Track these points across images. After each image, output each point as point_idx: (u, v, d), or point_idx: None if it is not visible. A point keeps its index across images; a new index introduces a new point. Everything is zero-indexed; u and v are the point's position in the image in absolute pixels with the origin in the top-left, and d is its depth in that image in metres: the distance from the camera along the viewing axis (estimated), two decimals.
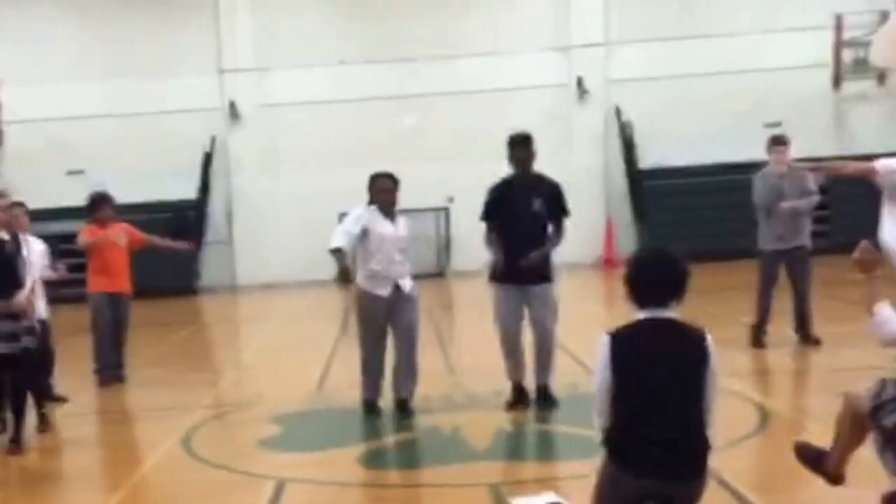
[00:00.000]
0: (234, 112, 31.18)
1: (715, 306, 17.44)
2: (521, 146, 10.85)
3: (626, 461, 6.02)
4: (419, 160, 28.96)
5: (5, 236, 10.09)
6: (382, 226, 10.78)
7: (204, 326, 24.11)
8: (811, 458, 6.58)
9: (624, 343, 6.06)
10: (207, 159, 30.99)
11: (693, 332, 6.11)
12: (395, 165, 17.01)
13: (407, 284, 10.85)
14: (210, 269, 30.97)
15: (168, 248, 15.05)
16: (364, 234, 10.73)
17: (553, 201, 10.81)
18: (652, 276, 6.15)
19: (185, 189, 30.30)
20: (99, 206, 13.95)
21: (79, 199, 15.78)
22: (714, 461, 6.84)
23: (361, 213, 10.89)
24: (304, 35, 31.28)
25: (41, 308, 12.03)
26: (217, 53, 31.44)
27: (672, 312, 6.08)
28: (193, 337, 20.93)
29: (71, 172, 29.91)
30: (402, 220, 10.97)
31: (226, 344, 20.24)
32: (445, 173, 29.62)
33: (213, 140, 31.15)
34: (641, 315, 6.09)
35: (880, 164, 9.87)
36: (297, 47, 31.23)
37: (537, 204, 10.70)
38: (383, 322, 10.86)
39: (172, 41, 31.31)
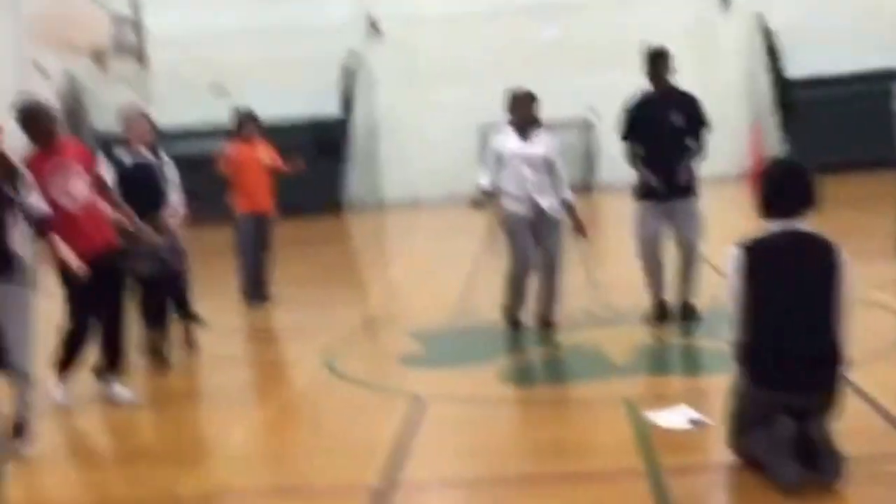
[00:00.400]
0: (373, 26, 31.22)
1: (863, 216, 17.16)
2: (658, 61, 10.69)
3: (760, 374, 6.04)
4: (563, 72, 28.80)
5: (149, 155, 10.22)
6: (515, 146, 10.73)
7: (349, 244, 24.40)
8: None
9: (755, 255, 6.06)
10: (349, 75, 31.12)
11: (825, 244, 6.08)
12: (537, 77, 16.99)
13: (546, 203, 10.73)
14: (355, 186, 31.21)
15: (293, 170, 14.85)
16: (499, 157, 10.72)
17: (692, 114, 10.69)
18: (782, 188, 6.12)
19: (328, 106, 30.47)
20: (244, 125, 14.07)
21: (223, 117, 15.95)
22: (854, 373, 6.80)
23: (496, 141, 10.92)
24: None
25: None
26: None
27: (803, 224, 6.03)
28: (338, 255, 21.19)
29: (215, 89, 30.25)
30: (540, 138, 10.84)
31: (370, 261, 20.45)
32: (590, 85, 29.32)
33: (354, 56, 31.25)
34: (773, 227, 6.06)
35: None
36: None
37: (677, 118, 10.59)
38: (527, 240, 10.80)
39: None
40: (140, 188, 9.91)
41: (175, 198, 10.58)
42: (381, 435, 7.62)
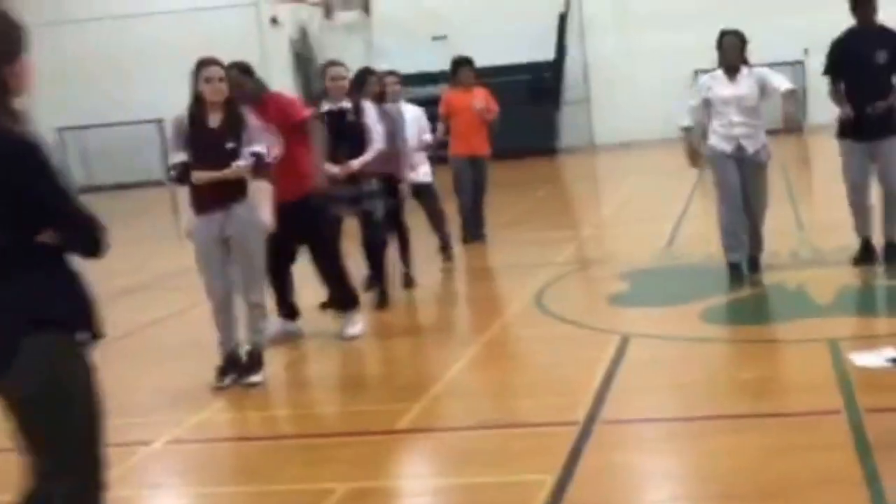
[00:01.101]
0: None
1: None
2: None
3: None
4: (773, 13, 28.21)
5: (347, 104, 10.27)
6: (722, 88, 10.46)
7: (562, 186, 24.44)
8: None
9: None
10: (562, 21, 31.02)
11: None
12: (748, 20, 16.65)
13: (750, 146, 10.41)
14: (568, 129, 31.19)
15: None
16: (706, 100, 10.51)
17: None
18: None
19: (542, 52, 30.46)
20: (459, 72, 14.25)
21: (443, 64, 16.14)
22: None
23: (701, 82, 10.80)
24: None
25: (422, 172, 12.51)
26: None
27: None
28: (551, 196, 21.25)
29: (435, 38, 30.53)
30: (747, 79, 10.49)
31: (582, 203, 20.48)
32: (800, 26, 28.63)
33: (567, 2, 31.14)
34: None
35: None
36: None
37: (882, 56, 10.28)
38: (733, 180, 10.50)
39: None
40: (334, 135, 10.02)
41: (375, 145, 10.56)
42: (587, 372, 7.68)
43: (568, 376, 7.83)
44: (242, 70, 9.04)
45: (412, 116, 12.40)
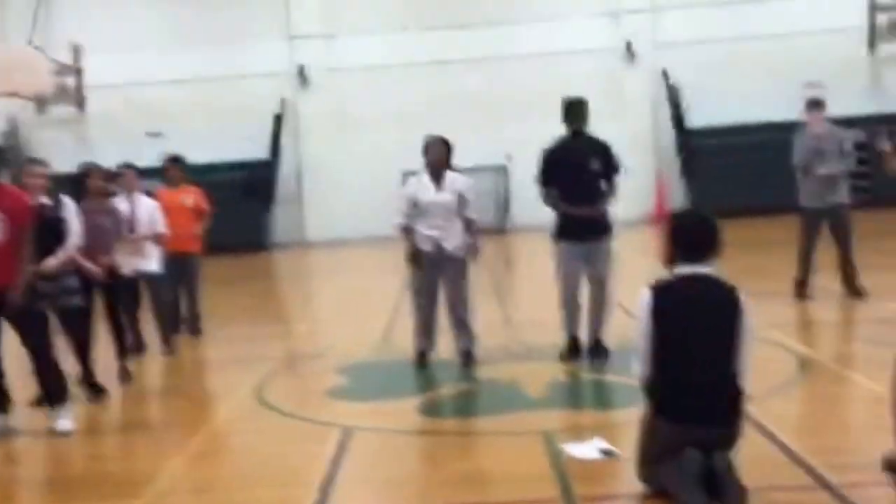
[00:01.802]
0: (303, 76, 31.47)
1: (762, 259, 17.41)
2: (576, 109, 10.86)
3: (667, 408, 6.14)
4: (479, 121, 29.17)
5: (47, 201, 9.95)
6: (427, 193, 10.87)
7: (275, 282, 24.31)
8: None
9: (663, 296, 6.19)
10: (278, 122, 31.23)
11: (727, 287, 6.26)
12: (456, 126, 17.06)
13: (450, 245, 10.85)
14: (281, 226, 31.21)
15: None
16: (412, 201, 10.88)
17: (607, 160, 10.83)
18: (689, 236, 6.29)
19: (257, 150, 30.54)
20: (168, 169, 14.16)
21: (158, 160, 15.93)
22: (753, 407, 6.89)
23: (410, 185, 11.12)
24: (370, 1, 31.47)
25: (151, 263, 12.50)
26: (286, 20, 31.74)
27: (708, 268, 6.20)
28: (265, 292, 21.11)
29: (150, 134, 30.16)
30: (452, 184, 10.94)
31: (296, 298, 20.38)
32: (504, 132, 29.66)
33: (283, 103, 31.39)
34: (680, 270, 6.21)
35: None
36: (363, 14, 31.57)
37: (594, 163, 10.73)
38: (431, 276, 10.93)
39: (244, 9, 31.79)
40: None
41: (72, 239, 10.25)
42: (311, 464, 7.61)
43: (292, 468, 7.73)
44: None
45: (146, 208, 12.47)
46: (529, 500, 6.63)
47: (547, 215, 10.89)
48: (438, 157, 10.91)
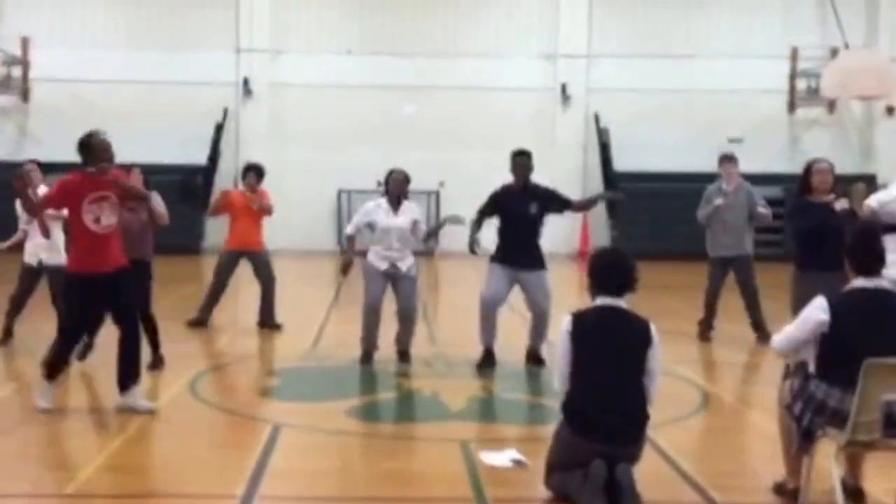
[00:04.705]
0: (247, 88, 31.79)
1: (675, 301, 18.09)
2: (522, 158, 12.03)
3: (577, 423, 6.74)
4: (414, 147, 29.71)
5: None
6: (386, 218, 11.94)
7: (207, 285, 24.45)
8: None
9: (582, 323, 6.81)
10: (219, 130, 31.50)
11: (639, 320, 6.92)
12: (392, 150, 17.59)
13: (404, 265, 11.98)
14: (214, 232, 31.39)
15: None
16: (371, 225, 11.99)
17: (546, 203, 11.98)
18: (607, 271, 6.95)
19: (196, 156, 30.73)
20: (246, 175, 15.71)
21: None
22: (655, 433, 7.53)
23: (371, 207, 12.10)
24: (317, 23, 32.09)
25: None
26: (235, 33, 32.04)
27: (622, 302, 6.84)
28: (197, 294, 21.30)
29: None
30: (408, 210, 12.05)
31: (227, 303, 20.60)
32: (438, 160, 30.20)
33: (225, 112, 31.69)
34: (598, 301, 6.87)
35: (875, 202, 10.81)
36: (310, 34, 32.03)
37: (533, 208, 11.86)
38: (381, 291, 11.99)
39: (195, 18, 31.97)
40: None
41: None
42: (243, 454, 8.11)
43: (226, 457, 8.22)
44: None
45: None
46: (447, 498, 7.24)
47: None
48: (399, 187, 12.05)
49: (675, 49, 31.77)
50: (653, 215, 28.78)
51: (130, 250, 10.31)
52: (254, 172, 15.52)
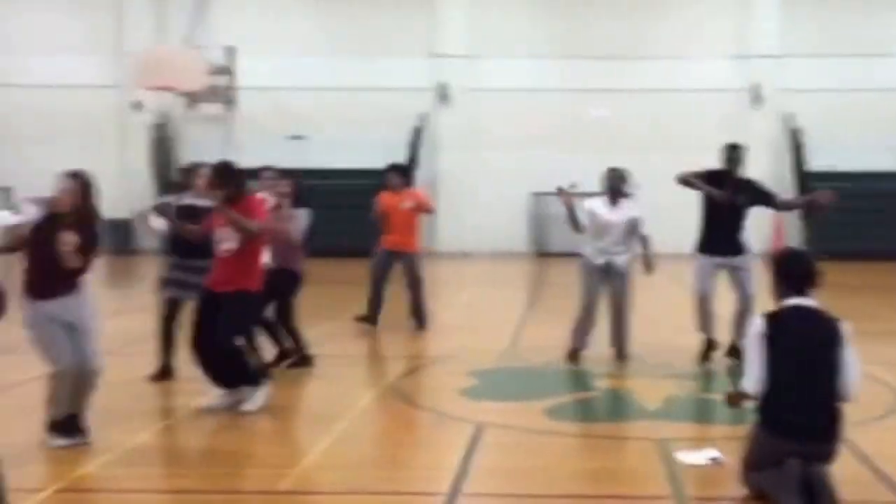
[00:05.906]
0: (442, 93, 32.26)
1: (870, 301, 17.80)
2: (733, 152, 12.35)
3: (772, 423, 6.84)
4: (605, 150, 29.67)
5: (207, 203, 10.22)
6: (603, 212, 12.39)
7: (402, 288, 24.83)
8: None
9: (774, 324, 6.91)
10: (416, 134, 32.06)
11: (830, 318, 6.97)
12: (581, 153, 17.68)
13: (619, 260, 12.35)
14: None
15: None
16: (591, 217, 12.36)
17: (754, 196, 12.33)
18: (789, 271, 7.05)
19: (393, 161, 31.23)
20: (389, 176, 15.43)
21: (296, 162, 16.57)
22: (852, 433, 7.55)
23: (591, 202, 12.53)
24: (512, 28, 32.32)
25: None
26: (431, 39, 32.57)
27: (811, 301, 6.91)
28: (398, 296, 21.68)
29: (293, 137, 31.24)
30: (626, 208, 12.44)
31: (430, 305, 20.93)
32: (628, 163, 30.08)
33: (422, 117, 32.22)
34: (788, 302, 6.96)
35: None
36: (505, 39, 32.31)
37: (741, 199, 12.16)
38: (597, 287, 12.43)
39: (393, 25, 32.67)
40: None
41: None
42: (447, 452, 8.41)
43: (430, 454, 8.56)
44: None
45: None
46: (646, 496, 7.42)
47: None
48: (614, 183, 12.48)
49: (866, 47, 31.28)
50: (847, 215, 28.20)
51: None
52: (394, 172, 15.59)
